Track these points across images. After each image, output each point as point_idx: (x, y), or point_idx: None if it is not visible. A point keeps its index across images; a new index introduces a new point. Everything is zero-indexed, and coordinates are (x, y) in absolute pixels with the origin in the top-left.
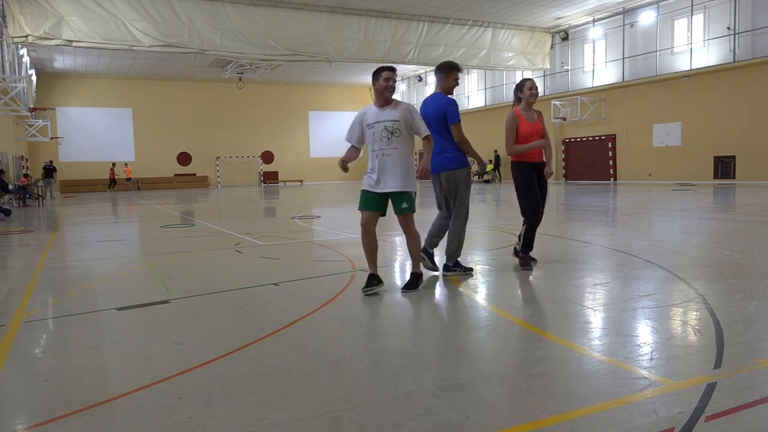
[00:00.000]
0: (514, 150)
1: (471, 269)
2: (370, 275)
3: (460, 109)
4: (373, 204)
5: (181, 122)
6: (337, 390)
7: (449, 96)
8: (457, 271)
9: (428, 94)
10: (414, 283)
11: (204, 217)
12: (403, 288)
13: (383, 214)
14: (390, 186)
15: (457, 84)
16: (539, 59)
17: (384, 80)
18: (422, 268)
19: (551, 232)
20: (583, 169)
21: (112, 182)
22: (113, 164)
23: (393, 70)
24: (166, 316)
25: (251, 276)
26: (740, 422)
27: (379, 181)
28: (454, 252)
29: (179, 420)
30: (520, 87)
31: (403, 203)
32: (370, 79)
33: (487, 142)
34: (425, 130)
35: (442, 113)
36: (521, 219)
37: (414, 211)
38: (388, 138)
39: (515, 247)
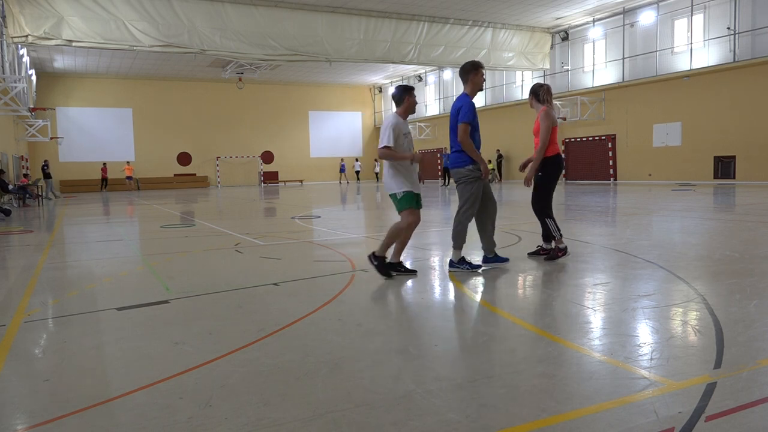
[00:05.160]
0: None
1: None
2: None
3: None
4: (420, 203)
5: (181, 122)
6: (337, 390)
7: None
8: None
9: (429, 95)
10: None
11: (204, 217)
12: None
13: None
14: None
15: (484, 80)
16: (539, 59)
17: (415, 98)
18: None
19: None
20: (583, 169)
21: (104, 182)
22: (104, 164)
23: None
24: (166, 316)
25: (251, 276)
26: (740, 422)
27: (417, 184)
28: None
29: (179, 420)
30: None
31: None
32: (370, 79)
33: (487, 141)
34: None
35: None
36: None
37: (399, 210)
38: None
39: (545, 247)
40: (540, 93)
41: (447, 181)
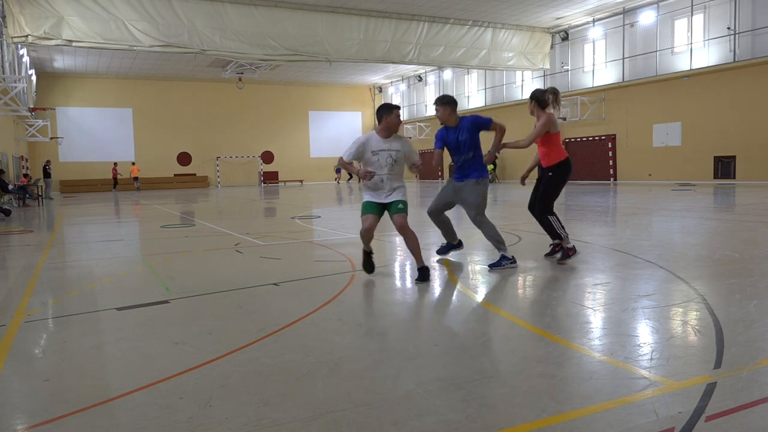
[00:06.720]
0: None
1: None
2: (364, 252)
3: (460, 108)
4: (377, 210)
5: (181, 122)
6: (337, 390)
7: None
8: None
9: (429, 95)
10: (424, 275)
11: (204, 217)
12: (417, 279)
13: (380, 218)
14: (392, 198)
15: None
16: (539, 59)
17: (397, 117)
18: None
19: None
20: (583, 169)
21: (115, 182)
22: (115, 164)
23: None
24: (166, 316)
25: (251, 276)
26: (740, 422)
27: (383, 195)
28: None
29: (179, 420)
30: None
31: (400, 205)
32: (370, 79)
33: (486, 141)
34: (417, 159)
35: None
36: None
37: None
38: (392, 164)
39: (556, 248)
40: (545, 97)
41: None
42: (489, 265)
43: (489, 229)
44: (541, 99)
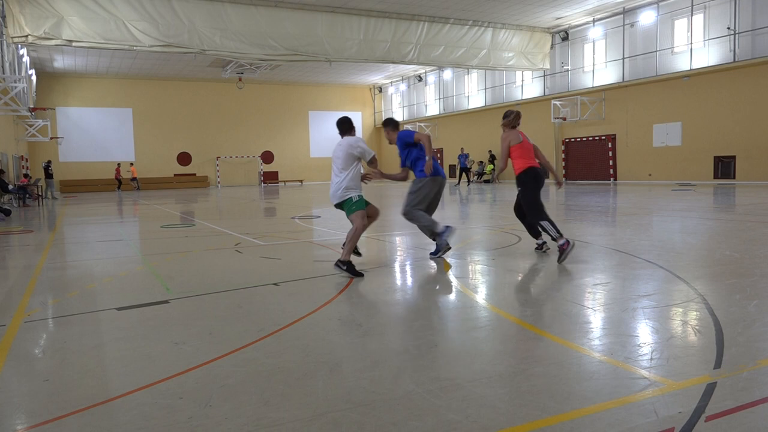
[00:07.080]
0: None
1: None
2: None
3: (460, 108)
4: None
5: (181, 122)
6: (337, 390)
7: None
8: None
9: (429, 95)
10: (345, 265)
11: (204, 217)
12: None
13: None
14: None
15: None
16: (539, 59)
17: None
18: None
19: None
20: (583, 169)
21: (119, 182)
22: (118, 164)
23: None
24: (166, 316)
25: (251, 276)
26: (740, 422)
27: None
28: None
29: (179, 420)
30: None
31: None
32: (370, 79)
33: (486, 141)
34: None
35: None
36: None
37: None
38: None
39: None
40: (511, 117)
41: (468, 181)
42: (430, 254)
43: (419, 220)
44: (504, 116)
